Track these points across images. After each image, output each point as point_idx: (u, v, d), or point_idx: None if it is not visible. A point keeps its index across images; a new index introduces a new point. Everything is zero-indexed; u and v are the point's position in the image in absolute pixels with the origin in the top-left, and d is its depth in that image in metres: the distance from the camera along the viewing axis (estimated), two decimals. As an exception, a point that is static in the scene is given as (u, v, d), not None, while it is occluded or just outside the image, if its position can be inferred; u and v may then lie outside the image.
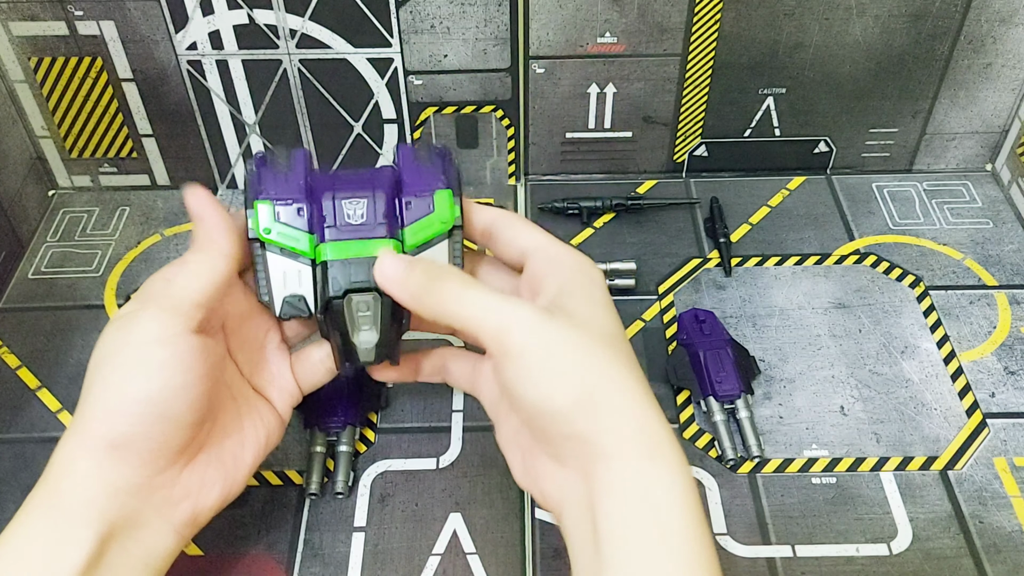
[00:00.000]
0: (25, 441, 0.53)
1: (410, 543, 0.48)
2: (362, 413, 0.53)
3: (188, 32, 0.62)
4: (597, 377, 0.35)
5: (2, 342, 0.59)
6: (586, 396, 0.34)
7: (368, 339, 0.40)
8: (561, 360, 0.35)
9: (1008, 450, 0.52)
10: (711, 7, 0.62)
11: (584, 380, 0.35)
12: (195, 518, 0.39)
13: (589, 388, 0.35)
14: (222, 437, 0.40)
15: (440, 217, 0.41)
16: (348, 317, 0.40)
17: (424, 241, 0.41)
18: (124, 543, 0.35)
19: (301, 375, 0.45)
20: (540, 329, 0.36)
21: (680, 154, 0.71)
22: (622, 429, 0.34)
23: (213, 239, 0.39)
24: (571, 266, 0.40)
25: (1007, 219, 0.67)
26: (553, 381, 0.35)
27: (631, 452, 0.34)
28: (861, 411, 0.54)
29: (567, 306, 0.38)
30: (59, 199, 0.70)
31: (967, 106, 0.68)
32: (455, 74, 0.65)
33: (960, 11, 0.62)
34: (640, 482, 0.33)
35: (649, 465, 0.34)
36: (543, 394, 0.35)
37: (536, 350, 0.35)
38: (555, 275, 0.40)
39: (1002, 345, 0.58)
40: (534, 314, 0.36)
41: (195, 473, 0.39)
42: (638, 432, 0.34)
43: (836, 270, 0.63)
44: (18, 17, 0.61)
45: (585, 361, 0.35)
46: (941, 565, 0.47)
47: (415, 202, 0.41)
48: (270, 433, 0.43)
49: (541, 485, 0.38)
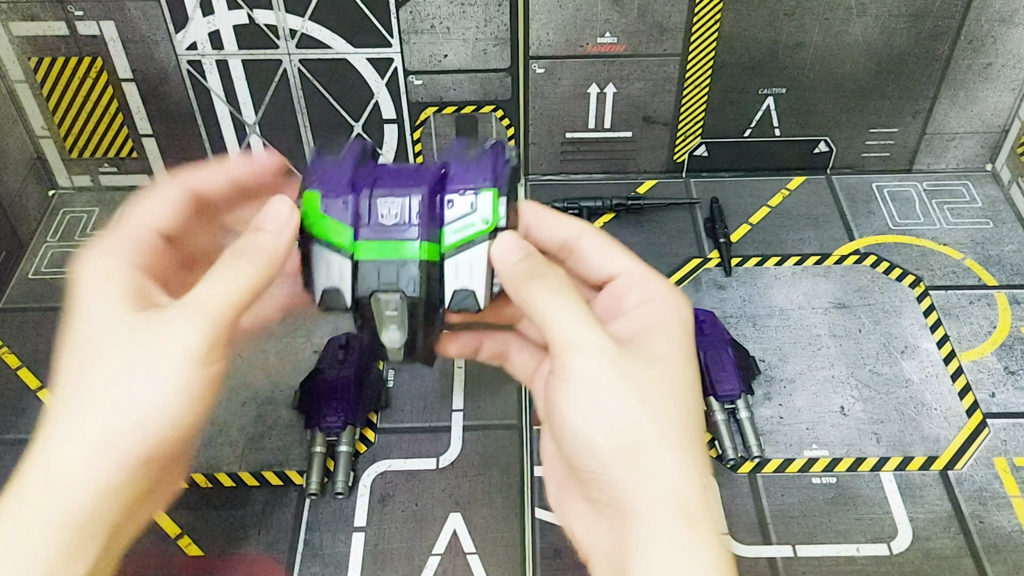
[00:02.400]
0: (26, 442, 0.53)
1: (410, 543, 0.48)
2: (362, 413, 0.53)
3: (188, 32, 0.62)
4: (651, 430, 0.33)
5: (2, 342, 0.59)
6: (633, 445, 0.33)
7: (394, 339, 0.40)
8: (616, 400, 0.33)
9: (1008, 450, 0.52)
10: (711, 7, 0.62)
11: (635, 429, 0.33)
12: None
13: (638, 438, 0.33)
14: None
15: (483, 217, 0.39)
16: (376, 316, 0.40)
17: (464, 242, 0.39)
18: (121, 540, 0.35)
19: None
20: (608, 361, 0.34)
21: (680, 154, 0.71)
22: (661, 488, 0.32)
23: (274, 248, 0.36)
24: (663, 300, 0.37)
25: (1007, 219, 0.67)
26: (603, 419, 0.33)
27: (668, 515, 0.32)
28: (861, 411, 0.54)
29: (647, 344, 0.35)
30: (59, 199, 0.70)
31: (967, 106, 0.68)
32: (455, 74, 0.65)
33: (960, 11, 0.62)
34: (677, 550, 0.32)
35: (687, 533, 0.32)
36: (587, 429, 0.33)
37: (595, 381, 0.33)
38: (643, 306, 0.37)
39: (1002, 345, 0.58)
40: (607, 344, 0.34)
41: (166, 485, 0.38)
42: (677, 496, 0.32)
43: (836, 270, 0.63)
44: (18, 17, 0.61)
45: (643, 409, 0.33)
46: (941, 565, 0.47)
47: (457, 200, 0.39)
48: None
49: (571, 523, 0.37)
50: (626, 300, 0.37)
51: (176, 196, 0.37)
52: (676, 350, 0.36)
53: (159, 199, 0.37)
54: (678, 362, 0.35)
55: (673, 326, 0.36)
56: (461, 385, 0.56)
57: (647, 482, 0.32)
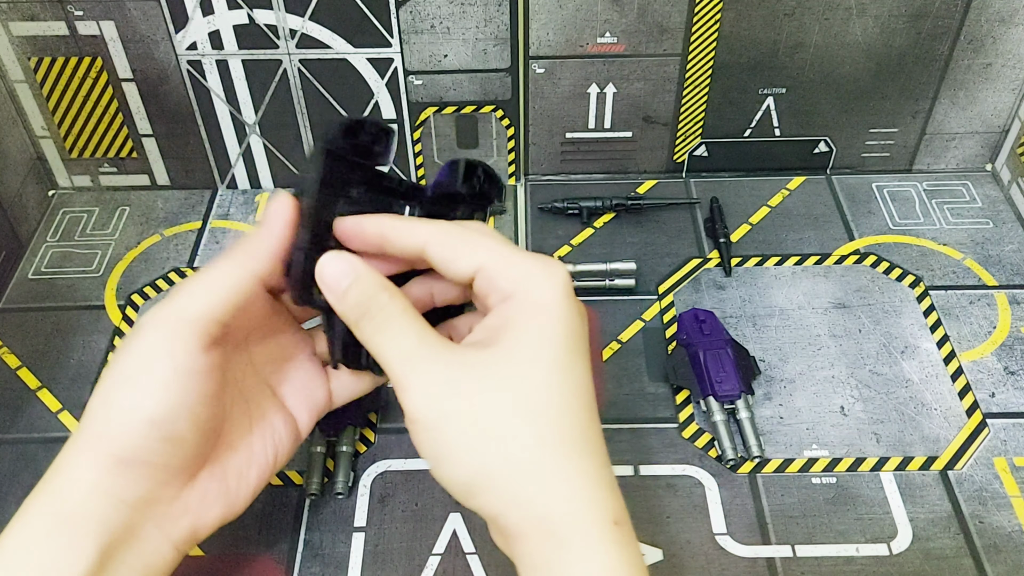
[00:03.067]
0: (26, 442, 0.53)
1: (410, 543, 0.48)
2: (362, 413, 0.53)
3: (188, 32, 0.62)
4: (493, 458, 0.32)
5: (2, 342, 0.59)
6: (478, 477, 0.32)
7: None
8: (449, 438, 0.32)
9: (1008, 450, 0.52)
10: (711, 7, 0.62)
11: (477, 460, 0.32)
12: (194, 534, 0.38)
13: (482, 471, 0.32)
14: (229, 453, 0.39)
15: None
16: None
17: None
18: (124, 556, 0.35)
19: (338, 387, 0.43)
20: (433, 397, 0.33)
21: (680, 154, 0.71)
22: (524, 513, 0.32)
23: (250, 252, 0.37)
24: (525, 292, 0.34)
25: (1007, 219, 0.67)
26: (445, 456, 0.33)
27: (535, 539, 0.31)
28: (861, 411, 0.54)
29: (501, 347, 0.33)
30: (59, 199, 0.70)
31: (967, 106, 0.68)
32: (455, 74, 0.65)
33: (960, 11, 0.62)
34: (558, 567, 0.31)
35: (557, 556, 0.31)
36: (435, 468, 0.33)
37: (425, 422, 0.33)
38: (502, 304, 0.34)
39: (1002, 345, 0.58)
40: (431, 378, 0.33)
41: (196, 490, 0.37)
42: (539, 518, 0.31)
43: (836, 270, 0.63)
44: (18, 17, 0.61)
45: (481, 439, 0.32)
46: (941, 565, 0.47)
47: None
48: (279, 451, 0.40)
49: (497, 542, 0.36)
50: (489, 299, 0.35)
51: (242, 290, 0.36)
52: (533, 347, 0.33)
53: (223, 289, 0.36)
54: (535, 361, 0.33)
55: (532, 320, 0.33)
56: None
57: (509, 509, 0.32)
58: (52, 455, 0.36)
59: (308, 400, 0.42)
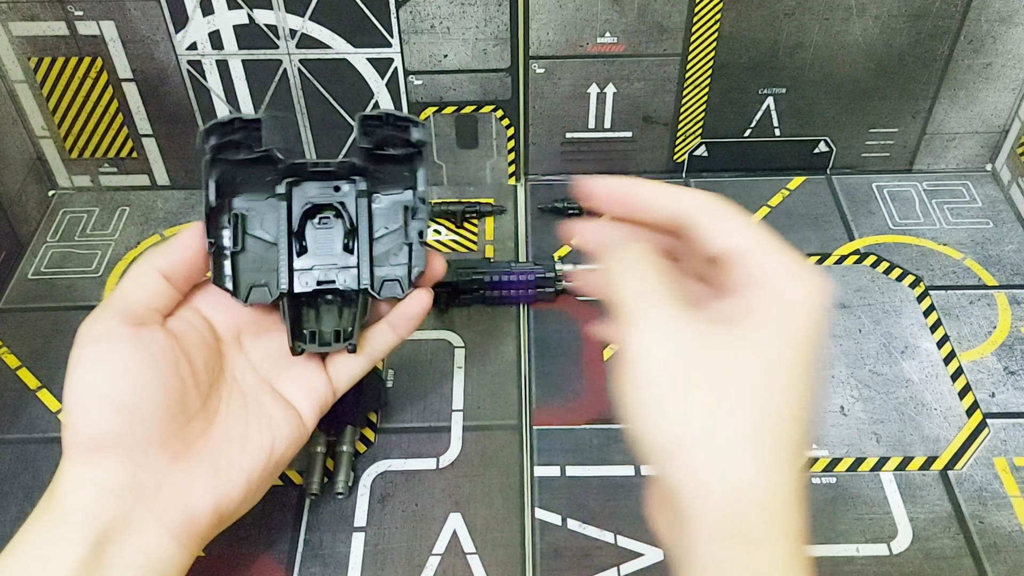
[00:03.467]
0: (26, 442, 0.53)
1: (410, 543, 0.48)
2: (362, 413, 0.53)
3: (188, 32, 0.62)
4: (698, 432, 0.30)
5: (2, 342, 0.59)
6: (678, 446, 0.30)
7: None
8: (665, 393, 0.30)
9: (1008, 450, 0.52)
10: (711, 7, 0.62)
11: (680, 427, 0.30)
12: (189, 520, 0.38)
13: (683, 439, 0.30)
14: (220, 439, 0.40)
15: None
16: None
17: None
18: (121, 547, 0.35)
19: (335, 373, 0.45)
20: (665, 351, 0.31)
21: (680, 154, 0.71)
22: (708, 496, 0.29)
23: (157, 251, 0.41)
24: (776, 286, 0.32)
25: (1007, 219, 0.67)
26: (650, 412, 0.30)
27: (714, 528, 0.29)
28: (861, 411, 0.54)
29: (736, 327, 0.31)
30: (59, 199, 0.70)
31: (967, 106, 0.68)
32: (455, 74, 0.65)
33: (960, 11, 0.62)
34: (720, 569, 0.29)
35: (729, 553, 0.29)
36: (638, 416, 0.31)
37: (647, 367, 0.31)
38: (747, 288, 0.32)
39: (1002, 345, 0.58)
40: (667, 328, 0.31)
41: (183, 471, 0.38)
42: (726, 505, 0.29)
43: (836, 270, 0.63)
44: (18, 17, 0.61)
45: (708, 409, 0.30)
46: (941, 565, 0.47)
47: None
48: (277, 439, 0.42)
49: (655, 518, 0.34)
50: (733, 279, 0.33)
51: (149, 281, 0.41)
52: (778, 343, 0.31)
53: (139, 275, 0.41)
54: (778, 361, 0.31)
55: (785, 317, 0.31)
56: (461, 385, 0.56)
57: (693, 489, 0.30)
58: (52, 455, 0.36)
59: (307, 390, 0.44)
